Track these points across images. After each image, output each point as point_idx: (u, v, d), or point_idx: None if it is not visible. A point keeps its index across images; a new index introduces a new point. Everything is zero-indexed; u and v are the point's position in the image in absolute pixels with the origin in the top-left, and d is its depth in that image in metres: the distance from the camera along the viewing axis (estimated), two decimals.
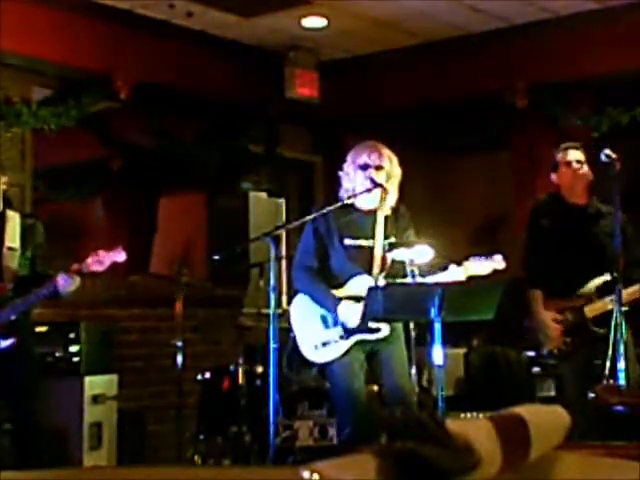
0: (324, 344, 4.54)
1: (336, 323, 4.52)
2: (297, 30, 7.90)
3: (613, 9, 7.39)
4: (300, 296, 4.67)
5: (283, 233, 5.98)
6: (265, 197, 7.87)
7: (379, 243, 4.58)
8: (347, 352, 4.51)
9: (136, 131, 8.25)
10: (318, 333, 4.57)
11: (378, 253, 4.57)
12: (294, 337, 4.69)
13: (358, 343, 4.51)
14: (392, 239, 4.61)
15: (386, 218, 4.64)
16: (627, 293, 4.63)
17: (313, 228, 4.64)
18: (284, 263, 6.17)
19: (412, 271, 4.41)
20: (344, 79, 8.65)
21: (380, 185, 4.57)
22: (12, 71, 6.78)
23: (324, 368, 4.76)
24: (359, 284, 4.48)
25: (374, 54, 8.45)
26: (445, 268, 4.47)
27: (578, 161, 5.10)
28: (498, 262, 4.50)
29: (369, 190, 4.57)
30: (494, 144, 8.44)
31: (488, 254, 4.51)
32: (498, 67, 7.96)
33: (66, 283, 4.58)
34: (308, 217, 4.67)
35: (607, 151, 4.68)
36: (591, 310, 4.93)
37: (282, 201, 7.85)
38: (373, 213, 4.64)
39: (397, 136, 5.51)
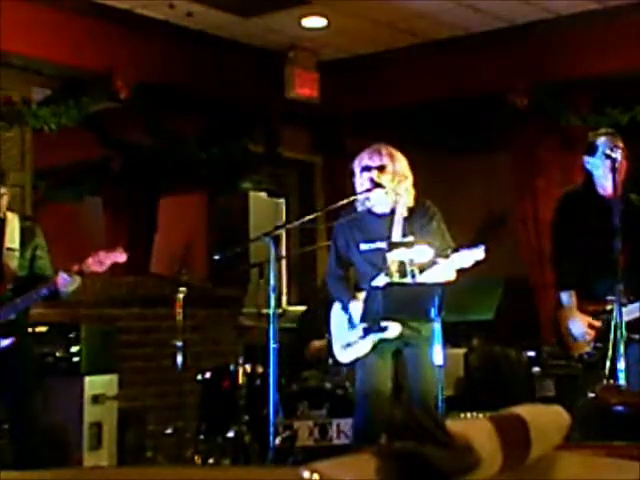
0: (348, 344, 4.67)
1: (357, 324, 4.60)
2: (297, 30, 7.90)
3: (613, 9, 7.39)
4: (336, 302, 4.85)
5: (283, 233, 5.99)
6: (265, 197, 7.88)
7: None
8: (371, 352, 4.59)
9: (136, 131, 8.24)
10: (344, 334, 4.71)
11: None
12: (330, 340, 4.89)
13: (382, 343, 4.55)
14: (411, 237, 4.59)
15: (405, 218, 4.64)
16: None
17: (333, 241, 4.83)
18: (284, 263, 6.18)
19: (412, 271, 4.41)
20: (344, 79, 8.64)
21: (380, 185, 4.56)
22: (12, 71, 6.78)
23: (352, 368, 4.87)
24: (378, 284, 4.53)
25: (374, 54, 8.45)
26: (434, 263, 4.42)
27: (622, 151, 4.72)
28: (478, 252, 4.30)
29: (369, 190, 4.57)
30: (494, 144, 8.43)
31: (471, 245, 4.38)
32: (498, 67, 7.96)
33: (66, 283, 4.58)
34: (308, 217, 4.70)
35: (607, 151, 4.67)
36: (626, 313, 4.54)
37: (282, 201, 7.86)
38: (390, 215, 4.64)
39: (397, 136, 5.50)
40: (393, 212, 4.65)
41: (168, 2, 7.15)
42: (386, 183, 4.58)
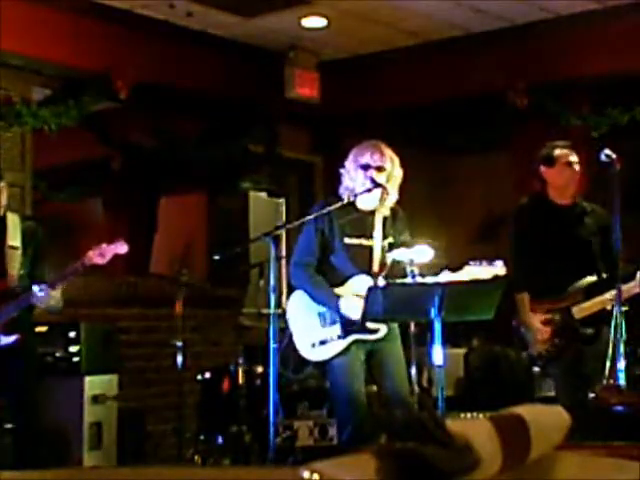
0: (322, 342, 4.54)
1: (334, 322, 4.52)
2: (297, 30, 7.90)
3: (613, 9, 7.39)
4: (297, 293, 4.67)
5: (283, 233, 5.99)
6: (265, 197, 7.88)
7: (378, 242, 4.60)
8: (346, 351, 4.51)
9: (136, 131, 8.25)
10: (316, 331, 4.56)
11: (377, 252, 4.58)
12: (290, 335, 4.69)
13: (357, 342, 4.51)
14: (390, 239, 4.62)
15: (385, 219, 4.65)
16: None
17: (314, 226, 4.63)
18: (284, 263, 6.17)
19: (412, 271, 4.41)
20: (344, 79, 8.65)
21: (380, 185, 4.57)
22: (12, 71, 6.78)
23: (321, 367, 4.76)
24: (359, 283, 4.49)
25: (374, 54, 8.45)
26: (446, 268, 4.45)
27: (578, 162, 5.05)
28: (499, 268, 4.43)
29: (369, 190, 4.57)
30: (494, 144, 8.43)
31: (489, 260, 4.46)
32: (498, 67, 7.96)
33: (40, 298, 4.55)
34: (308, 217, 4.67)
35: (607, 151, 4.68)
36: (579, 311, 4.88)
37: (282, 201, 7.86)
38: (372, 213, 4.65)
39: (397, 136, 5.51)
40: (374, 210, 4.65)
41: (168, 2, 7.15)
42: (383, 183, 4.59)
